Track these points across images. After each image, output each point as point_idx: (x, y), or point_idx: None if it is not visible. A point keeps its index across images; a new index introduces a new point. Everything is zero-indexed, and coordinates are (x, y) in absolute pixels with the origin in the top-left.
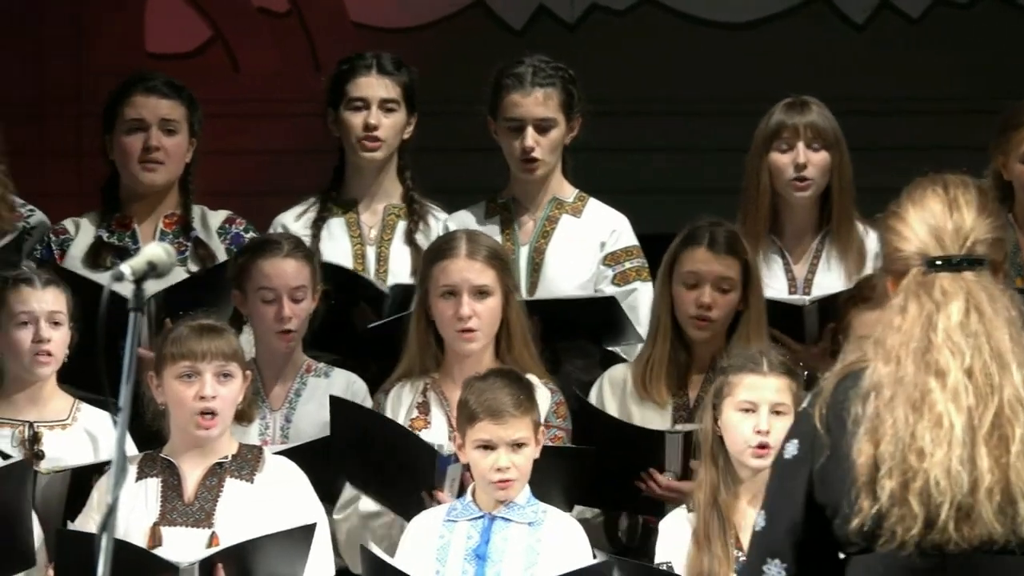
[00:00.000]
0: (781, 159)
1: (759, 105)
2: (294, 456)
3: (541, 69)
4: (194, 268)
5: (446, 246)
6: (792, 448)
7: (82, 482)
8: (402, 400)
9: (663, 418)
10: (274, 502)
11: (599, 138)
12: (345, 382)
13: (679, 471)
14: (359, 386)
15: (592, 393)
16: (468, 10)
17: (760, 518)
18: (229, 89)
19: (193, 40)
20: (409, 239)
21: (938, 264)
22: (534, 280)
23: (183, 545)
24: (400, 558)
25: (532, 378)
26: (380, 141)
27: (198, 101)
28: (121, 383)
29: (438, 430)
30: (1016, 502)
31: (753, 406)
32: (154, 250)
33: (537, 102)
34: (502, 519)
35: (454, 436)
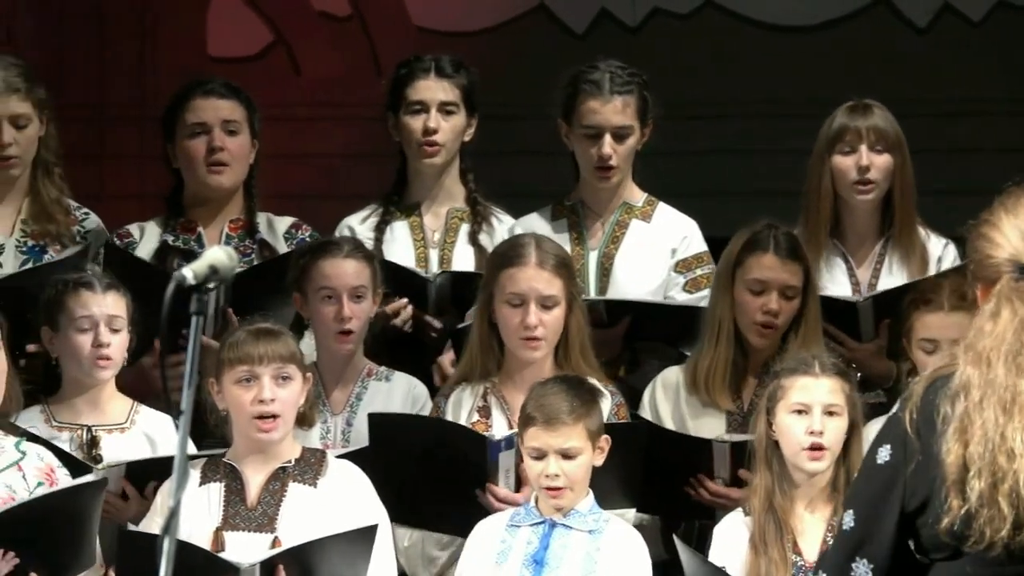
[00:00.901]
0: (844, 162)
1: (820, 108)
2: (357, 459)
3: (618, 76)
4: None
5: (514, 252)
6: (884, 453)
7: (137, 477)
8: (462, 404)
9: (718, 421)
10: (337, 506)
11: (659, 141)
12: (406, 386)
13: (728, 478)
14: (420, 390)
15: (645, 396)
16: (530, 14)
17: (848, 518)
18: (290, 93)
19: (255, 44)
20: (472, 241)
21: None
22: (603, 285)
23: (246, 550)
24: (464, 563)
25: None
26: (439, 146)
27: (257, 104)
28: (184, 386)
29: (500, 433)
30: None
31: (806, 408)
32: (216, 254)
33: (616, 110)
34: (563, 526)
35: (504, 444)
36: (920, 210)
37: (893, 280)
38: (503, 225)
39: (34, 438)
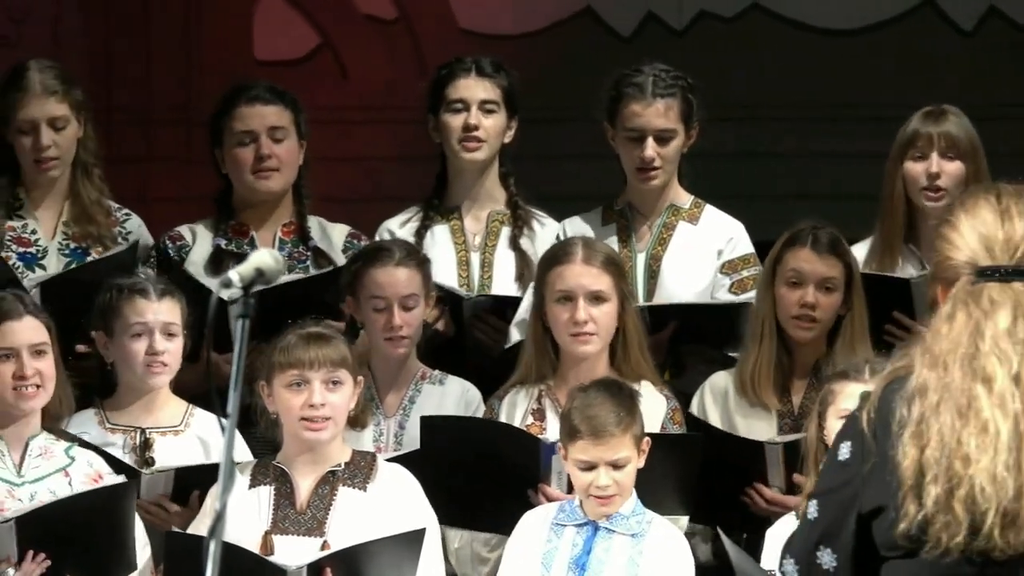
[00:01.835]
0: (915, 168)
1: (866, 111)
2: (407, 463)
3: (662, 79)
4: None
5: (562, 252)
6: (845, 451)
7: (186, 483)
8: (517, 406)
9: (768, 424)
10: (387, 510)
11: (705, 143)
12: (460, 390)
13: (783, 485)
14: (473, 394)
15: (694, 401)
16: (577, 17)
17: (812, 508)
18: (337, 96)
19: (301, 47)
20: (513, 245)
21: (987, 274)
22: (651, 287)
23: (295, 554)
24: (508, 558)
25: (647, 385)
26: (481, 141)
27: (302, 105)
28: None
29: (553, 436)
30: None
31: None
32: (262, 257)
33: (658, 113)
34: (605, 529)
35: (558, 446)
36: None
37: None
38: (546, 229)
39: (86, 444)
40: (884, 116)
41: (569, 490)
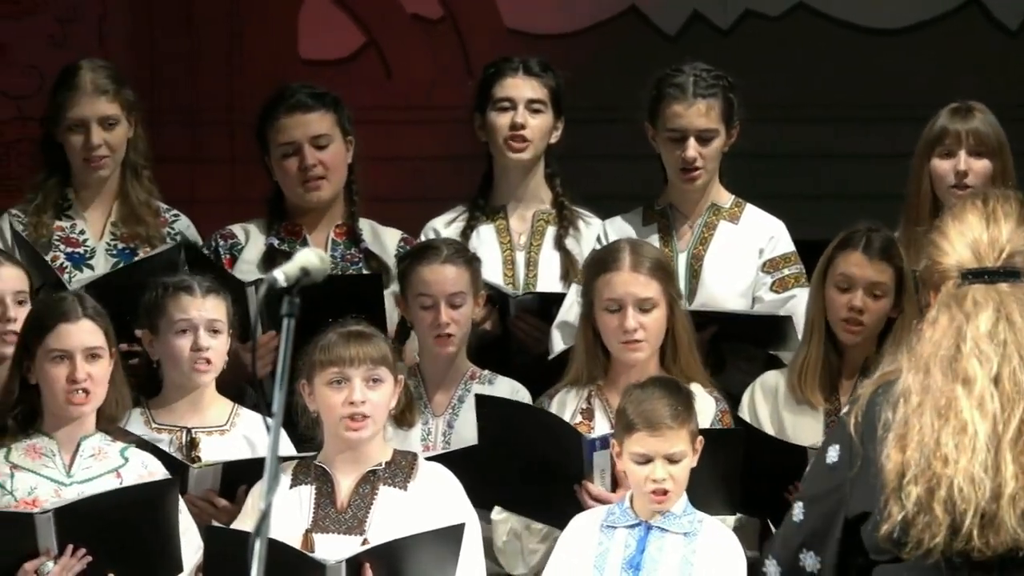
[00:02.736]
0: (942, 165)
1: (910, 111)
2: (449, 462)
3: (702, 79)
4: None
5: (610, 258)
6: (833, 454)
7: (233, 478)
8: (566, 405)
9: (816, 422)
10: (427, 509)
11: (750, 143)
12: (509, 390)
13: None
14: (523, 394)
15: (744, 399)
16: (622, 16)
17: (798, 510)
18: (382, 96)
19: (347, 46)
20: (559, 244)
21: (972, 276)
22: (693, 287)
23: (335, 552)
24: (555, 562)
25: (697, 387)
26: (527, 141)
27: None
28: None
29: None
30: None
31: None
32: (307, 256)
33: (699, 113)
34: (658, 529)
35: (599, 443)
36: None
37: None
38: (591, 229)
39: (144, 444)
40: (927, 116)
41: (613, 489)
